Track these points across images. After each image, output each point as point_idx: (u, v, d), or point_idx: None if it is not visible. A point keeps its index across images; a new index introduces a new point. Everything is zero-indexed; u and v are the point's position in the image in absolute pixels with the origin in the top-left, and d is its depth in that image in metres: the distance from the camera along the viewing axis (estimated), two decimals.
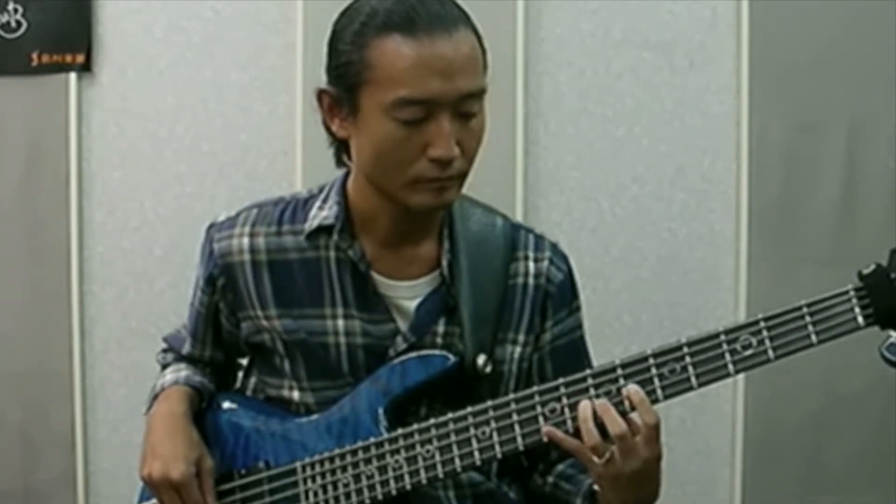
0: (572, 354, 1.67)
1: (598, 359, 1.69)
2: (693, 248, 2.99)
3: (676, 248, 2.99)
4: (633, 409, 1.44)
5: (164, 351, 1.83)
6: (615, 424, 1.43)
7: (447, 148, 1.47)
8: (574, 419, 1.46)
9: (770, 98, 2.93)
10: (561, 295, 1.66)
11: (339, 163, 1.62)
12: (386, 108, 1.46)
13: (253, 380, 1.73)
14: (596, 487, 1.52)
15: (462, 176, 1.52)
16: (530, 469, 1.70)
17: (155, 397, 1.72)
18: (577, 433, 1.46)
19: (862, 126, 2.95)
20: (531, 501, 1.69)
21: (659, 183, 2.98)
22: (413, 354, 1.58)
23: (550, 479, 1.66)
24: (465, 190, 1.58)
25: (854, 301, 1.40)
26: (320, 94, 1.54)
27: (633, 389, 1.44)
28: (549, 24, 2.94)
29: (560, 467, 1.66)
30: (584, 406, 1.45)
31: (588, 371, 1.48)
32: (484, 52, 1.51)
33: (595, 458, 1.44)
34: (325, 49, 1.55)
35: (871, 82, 2.93)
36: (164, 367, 1.80)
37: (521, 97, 2.91)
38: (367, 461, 1.54)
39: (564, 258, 1.68)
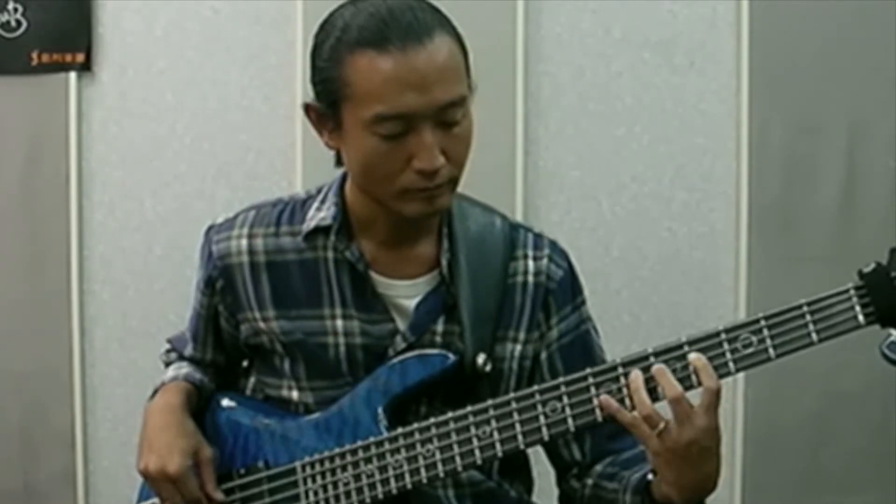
0: (581, 350, 1.66)
1: None
2: (693, 248, 2.99)
3: (676, 248, 2.99)
4: (696, 384, 1.42)
5: (168, 351, 1.84)
6: (670, 387, 1.41)
7: (430, 160, 1.46)
8: (574, 417, 1.46)
9: (770, 98, 2.93)
10: (563, 291, 1.66)
11: (339, 162, 1.61)
12: (365, 123, 1.45)
13: (252, 380, 1.73)
14: (650, 477, 1.50)
15: (452, 181, 1.51)
16: (563, 474, 1.69)
17: (156, 392, 1.72)
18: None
19: (862, 126, 2.94)
20: None
21: (659, 183, 2.98)
22: (412, 353, 1.58)
23: (589, 481, 1.64)
24: (465, 189, 1.58)
25: (854, 299, 1.40)
26: (307, 108, 1.54)
27: (695, 356, 1.42)
28: (549, 24, 2.94)
29: (598, 468, 1.64)
30: (636, 376, 1.43)
31: (588, 370, 1.47)
32: (465, 54, 1.49)
33: (649, 430, 1.42)
34: None
35: (871, 82, 2.92)
36: (168, 364, 1.80)
37: (521, 97, 2.91)
38: (367, 460, 1.54)
39: (564, 255, 1.68)
